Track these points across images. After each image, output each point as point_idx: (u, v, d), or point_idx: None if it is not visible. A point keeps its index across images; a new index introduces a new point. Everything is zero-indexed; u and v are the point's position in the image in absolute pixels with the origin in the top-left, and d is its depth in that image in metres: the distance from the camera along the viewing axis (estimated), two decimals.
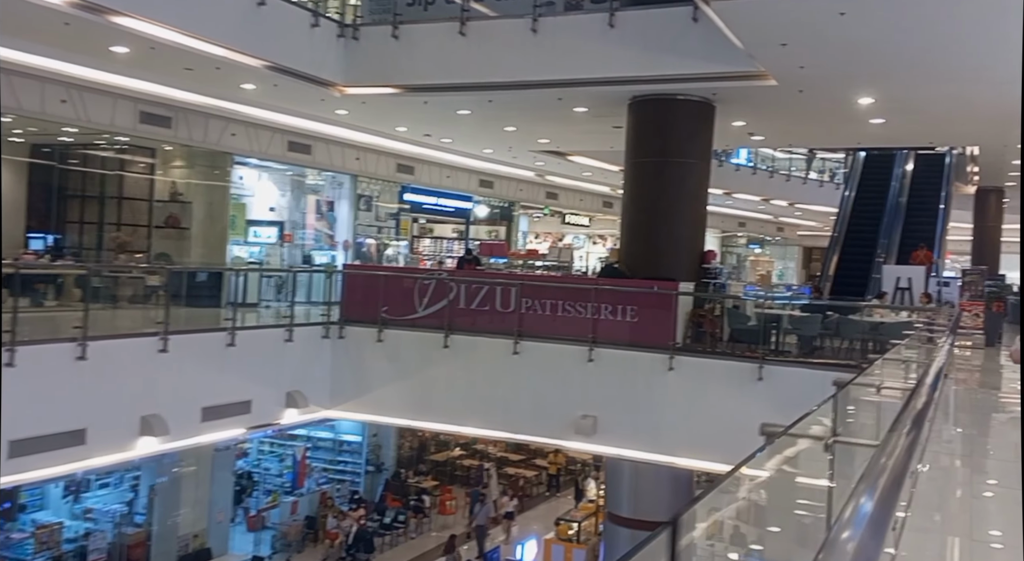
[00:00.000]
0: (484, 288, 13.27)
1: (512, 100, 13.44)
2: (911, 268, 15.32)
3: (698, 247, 13.35)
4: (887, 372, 6.68)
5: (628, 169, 13.28)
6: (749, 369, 11.75)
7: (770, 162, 30.24)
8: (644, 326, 12.46)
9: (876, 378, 5.86)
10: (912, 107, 12.77)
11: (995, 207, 23.28)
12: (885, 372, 6.49)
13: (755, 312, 12.67)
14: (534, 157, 20.13)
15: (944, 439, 8.18)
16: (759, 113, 13.96)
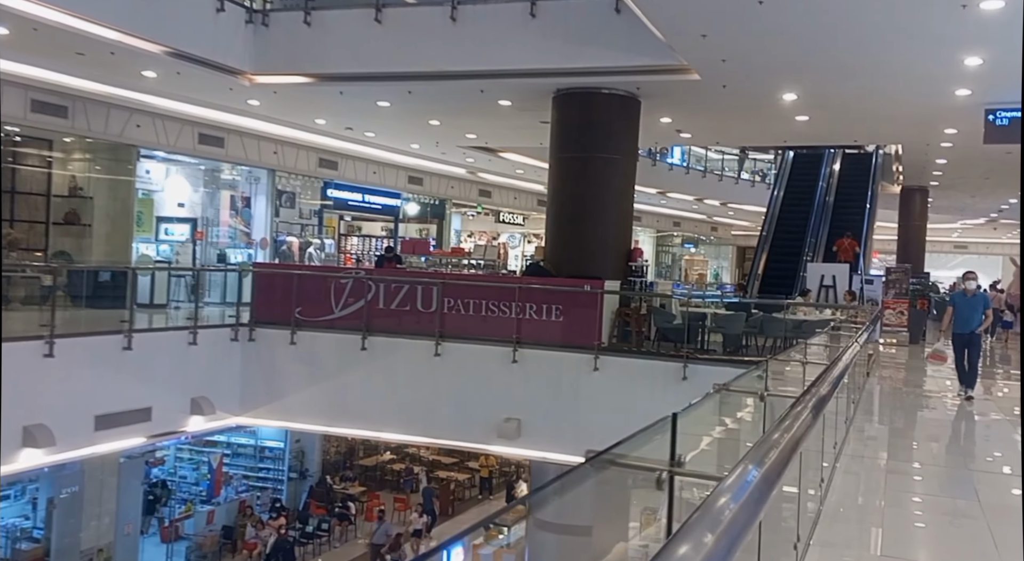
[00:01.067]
0: (404, 287, 12.76)
1: (432, 91, 12.94)
2: (835, 266, 15.33)
3: (625, 245, 13.07)
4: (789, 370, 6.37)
5: (553, 165, 12.91)
6: (674, 368, 11.56)
7: (704, 162, 30.40)
8: (569, 326, 12.15)
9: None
10: (834, 103, 12.69)
11: (920, 206, 23.68)
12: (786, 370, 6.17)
13: (680, 311, 12.44)
14: (464, 153, 19.64)
15: (866, 434, 8.01)
16: (685, 109, 13.74)
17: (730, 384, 4.35)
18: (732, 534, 1.31)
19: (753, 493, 1.53)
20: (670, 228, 38.77)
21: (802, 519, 3.93)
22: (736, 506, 1.41)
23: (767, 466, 1.73)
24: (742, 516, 1.39)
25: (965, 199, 25.14)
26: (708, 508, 1.36)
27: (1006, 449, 7.12)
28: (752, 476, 1.60)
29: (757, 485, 1.60)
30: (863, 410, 8.36)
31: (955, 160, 17.52)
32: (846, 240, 18.49)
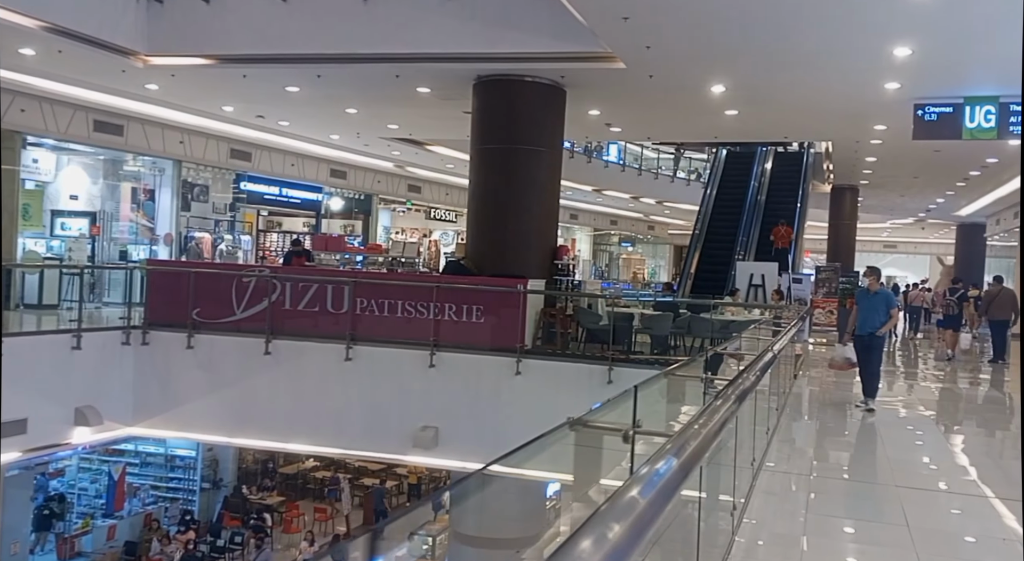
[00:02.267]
0: (313, 287, 11.90)
1: (343, 76, 12.09)
2: (764, 265, 14.99)
3: (550, 242, 12.43)
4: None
5: (474, 157, 12.19)
6: (599, 372, 11.04)
7: (640, 160, 30.13)
8: (491, 327, 11.51)
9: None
10: (763, 97, 12.28)
11: (850, 205, 23.71)
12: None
13: (606, 311, 11.87)
14: (388, 146, 18.77)
15: (790, 446, 7.54)
16: (613, 101, 13.18)
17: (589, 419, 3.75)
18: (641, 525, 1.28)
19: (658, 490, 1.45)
20: (607, 226, 38.49)
21: (710, 555, 3.36)
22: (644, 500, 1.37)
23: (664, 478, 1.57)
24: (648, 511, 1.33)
25: (894, 198, 25.30)
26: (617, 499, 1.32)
27: (938, 459, 6.68)
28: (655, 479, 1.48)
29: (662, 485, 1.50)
30: (788, 417, 7.86)
31: (885, 158, 17.41)
32: (782, 227, 18.36)
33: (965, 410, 10.21)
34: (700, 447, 1.88)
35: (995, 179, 19.17)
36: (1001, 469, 6.62)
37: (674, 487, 1.57)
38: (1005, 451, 7.35)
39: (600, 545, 1.13)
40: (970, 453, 7.00)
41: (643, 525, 1.28)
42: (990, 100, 11.39)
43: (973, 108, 11.48)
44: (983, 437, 8.20)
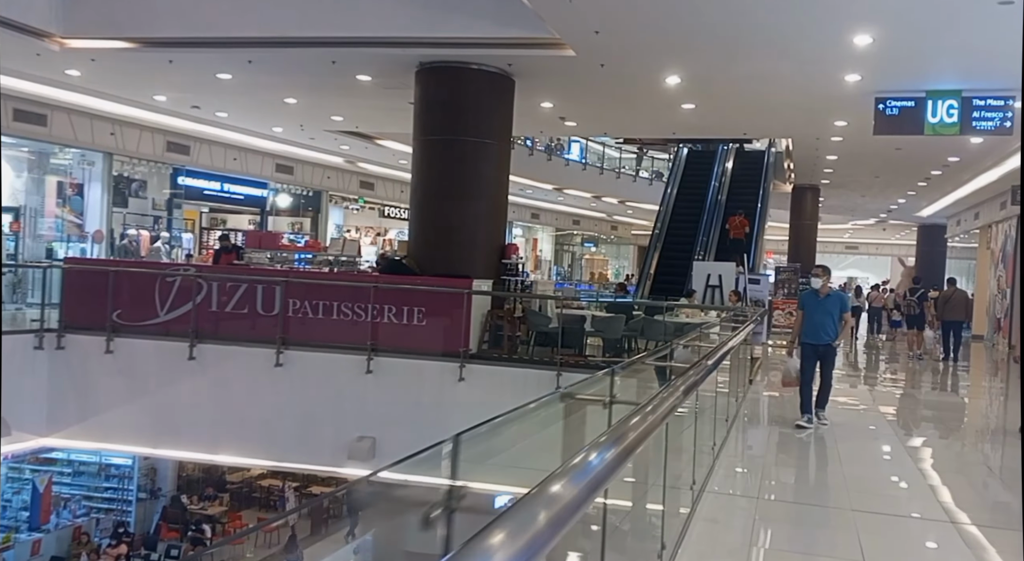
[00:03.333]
0: (242, 287, 11.13)
1: (276, 62, 11.33)
2: (722, 265, 14.49)
3: (498, 240, 11.78)
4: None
5: (417, 149, 11.50)
6: (548, 377, 10.44)
7: (602, 159, 29.65)
8: (433, 330, 10.85)
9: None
10: (721, 90, 11.75)
11: (811, 205, 23.40)
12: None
13: (556, 313, 11.26)
14: (335, 139, 17.98)
15: (738, 464, 7.00)
16: (565, 92, 12.58)
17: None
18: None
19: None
20: (569, 226, 37.97)
21: None
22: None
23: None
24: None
25: (856, 199, 25.08)
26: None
27: (903, 477, 6.13)
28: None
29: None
30: (739, 429, 7.28)
31: (846, 156, 17.04)
32: (737, 217, 18.02)
33: (930, 419, 9.75)
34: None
35: (956, 179, 18.92)
36: (974, 489, 6.10)
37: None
38: (979, 469, 6.84)
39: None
40: (940, 470, 6.47)
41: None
42: (953, 94, 10.96)
43: (935, 102, 11.05)
44: (952, 452, 7.70)
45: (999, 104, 10.82)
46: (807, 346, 7.71)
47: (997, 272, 20.06)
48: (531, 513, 1.15)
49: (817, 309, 7.65)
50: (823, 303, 7.66)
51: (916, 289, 17.98)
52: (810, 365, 7.69)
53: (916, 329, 16.62)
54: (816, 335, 7.63)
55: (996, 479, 6.27)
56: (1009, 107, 10.78)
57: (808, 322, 7.70)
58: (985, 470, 6.63)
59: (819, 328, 7.60)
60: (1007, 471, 6.61)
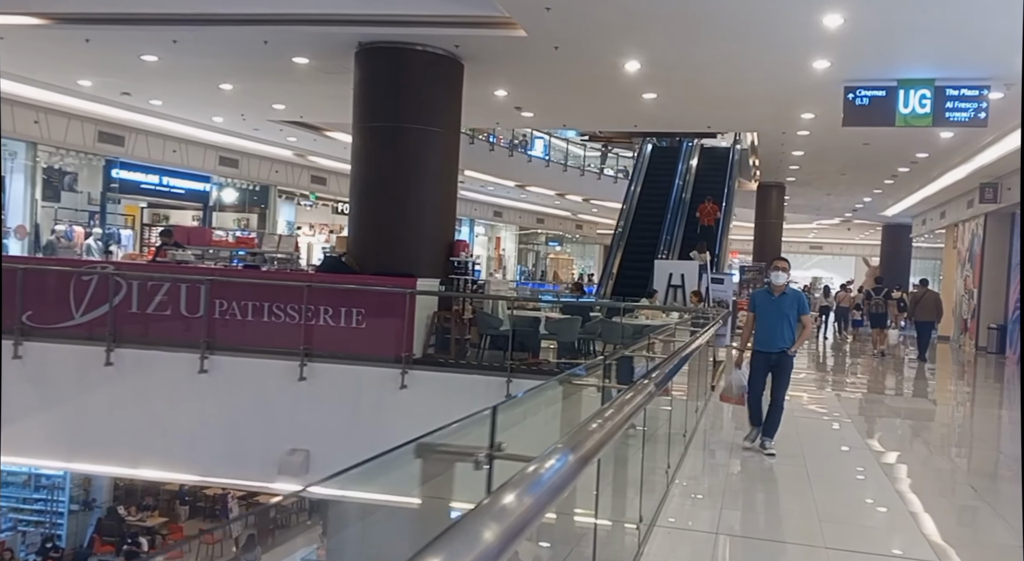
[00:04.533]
0: (165, 286, 10.20)
1: (204, 42, 10.42)
2: (684, 264, 13.84)
3: (446, 236, 10.98)
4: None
5: (356, 137, 10.65)
6: (497, 384, 9.73)
7: (566, 156, 28.98)
8: (373, 334, 10.02)
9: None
10: (682, 77, 11.06)
11: (776, 203, 22.92)
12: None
13: (508, 315, 10.49)
14: (280, 130, 17.04)
15: (697, 485, 6.34)
16: (519, 79, 11.82)
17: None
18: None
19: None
20: (533, 225, 37.24)
21: None
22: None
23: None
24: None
25: (821, 197, 24.67)
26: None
27: (885, 502, 5.45)
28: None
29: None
30: (698, 446, 6.56)
31: (812, 152, 16.50)
32: (708, 204, 17.59)
33: (904, 429, 9.13)
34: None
35: (923, 176, 18.51)
36: (959, 516, 5.44)
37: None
38: (962, 490, 6.19)
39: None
40: (920, 492, 5.80)
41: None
42: (925, 83, 10.39)
43: (907, 92, 10.47)
44: (931, 468, 7.05)
45: (973, 94, 10.27)
46: (758, 355, 6.58)
47: (964, 272, 19.70)
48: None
49: (771, 311, 6.52)
50: (778, 303, 6.52)
51: (879, 289, 18.04)
52: (760, 377, 6.55)
53: (879, 328, 16.77)
54: (769, 341, 6.48)
55: (982, 502, 5.61)
56: (984, 97, 10.24)
57: (760, 326, 6.58)
58: (969, 491, 5.97)
59: (773, 333, 6.46)
60: (991, 493, 5.97)
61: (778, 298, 6.53)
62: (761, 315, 6.56)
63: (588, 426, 1.88)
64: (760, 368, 6.56)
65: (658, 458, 4.86)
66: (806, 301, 6.67)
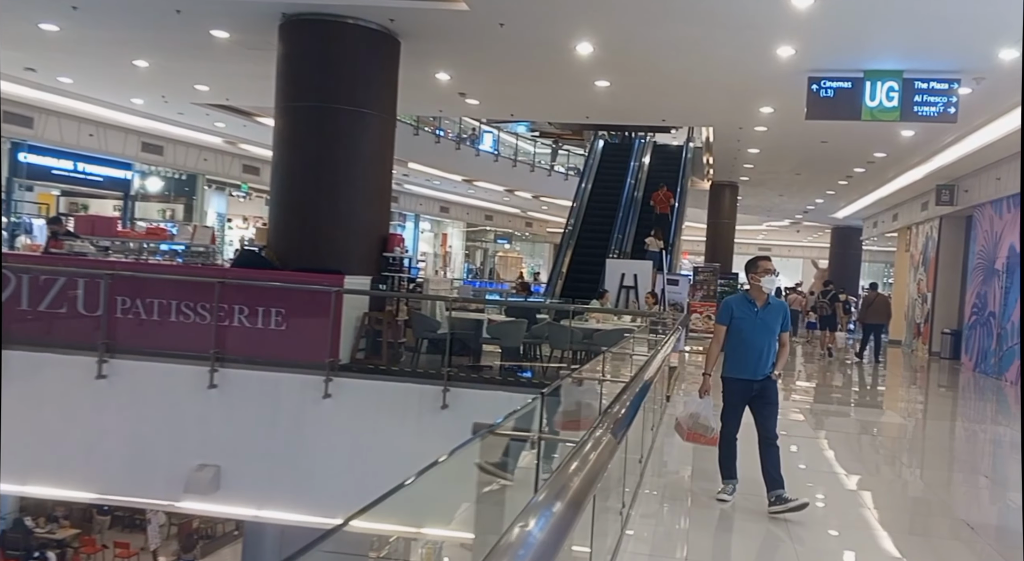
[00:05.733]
0: (59, 281, 9.08)
1: (108, 9, 9.30)
2: (637, 263, 13.12)
3: (379, 229, 10.01)
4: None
5: (279, 118, 9.64)
6: (433, 393, 8.83)
7: (515, 151, 28.18)
8: (294, 336, 9.06)
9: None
10: (637, 63, 10.29)
11: (729, 202, 22.43)
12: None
13: (446, 317, 9.59)
14: (207, 115, 15.84)
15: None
16: (462, 61, 10.93)
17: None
18: None
19: None
20: (482, 221, 36.32)
21: None
22: None
23: None
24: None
25: (774, 198, 24.29)
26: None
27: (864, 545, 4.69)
28: None
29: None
30: (650, 486, 5.72)
31: (768, 150, 15.95)
32: (662, 191, 17.09)
33: (879, 449, 8.46)
34: None
35: (878, 178, 18.14)
36: None
37: None
38: (962, 532, 5.45)
39: None
40: (906, 533, 5.06)
41: None
42: (893, 75, 9.79)
43: (874, 84, 9.86)
44: (920, 506, 6.34)
45: (943, 88, 9.70)
46: (735, 383, 5.10)
47: (917, 276, 19.41)
48: None
49: (754, 325, 5.04)
50: (763, 316, 5.07)
51: (827, 292, 18.00)
52: (737, 413, 5.10)
53: (828, 330, 16.96)
54: (752, 365, 5.02)
55: (984, 543, 4.88)
56: (953, 91, 9.68)
57: (738, 345, 5.07)
58: (965, 531, 5.23)
59: (756, 355, 5.01)
60: (988, 532, 5.26)
61: (763, 309, 5.09)
62: (738, 330, 5.08)
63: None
64: (738, 401, 5.09)
65: (610, 498, 4.00)
66: (788, 311, 5.29)
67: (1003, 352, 13.31)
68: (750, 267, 5.20)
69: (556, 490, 1.46)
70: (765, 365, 5.03)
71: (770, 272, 5.12)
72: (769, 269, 5.14)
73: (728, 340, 5.12)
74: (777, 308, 5.18)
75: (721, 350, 5.18)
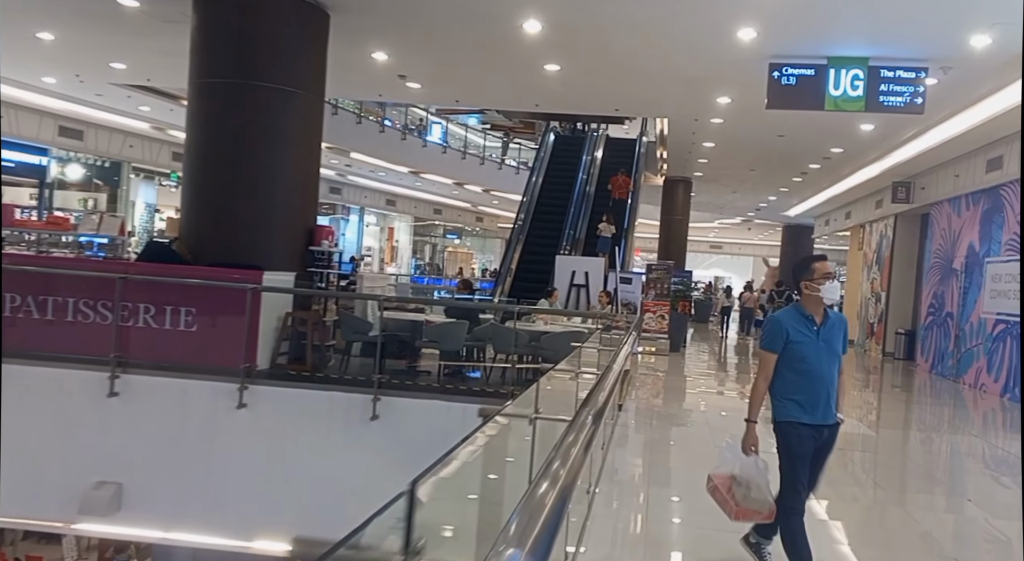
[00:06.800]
0: None
1: None
2: (589, 260, 12.43)
3: (305, 220, 9.12)
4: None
5: (192, 95, 8.69)
6: (363, 402, 7.99)
7: (464, 143, 27.36)
8: (206, 339, 8.16)
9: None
10: (587, 44, 9.58)
11: (683, 198, 21.94)
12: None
13: (379, 317, 8.74)
14: (129, 97, 14.69)
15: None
16: (400, 39, 10.08)
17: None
18: None
19: None
20: (430, 216, 35.35)
21: None
22: None
23: None
24: None
25: (727, 195, 23.90)
26: None
27: None
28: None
29: None
30: (606, 494, 5.02)
31: (724, 143, 15.42)
32: (620, 176, 16.78)
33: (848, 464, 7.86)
34: None
35: (833, 174, 17.77)
36: None
37: None
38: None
39: None
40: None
41: None
42: (858, 62, 9.24)
43: (838, 71, 9.30)
44: (905, 533, 5.73)
45: (910, 77, 9.18)
46: (801, 430, 3.69)
47: (871, 274, 19.12)
48: None
49: (819, 350, 3.73)
50: (826, 337, 3.76)
51: (782, 291, 17.83)
52: (804, 472, 3.70)
53: None
54: (822, 406, 3.70)
55: None
56: (920, 81, 9.16)
57: (799, 378, 3.72)
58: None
59: (824, 389, 3.72)
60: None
61: (824, 327, 3.75)
62: (799, 357, 3.71)
63: None
64: (804, 455, 3.69)
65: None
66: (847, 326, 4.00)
67: (961, 354, 12.94)
68: (802, 272, 3.77)
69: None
70: (833, 403, 3.74)
71: (831, 276, 3.73)
72: (829, 273, 3.73)
73: (782, 373, 3.75)
74: (839, 324, 3.82)
75: (769, 387, 3.79)
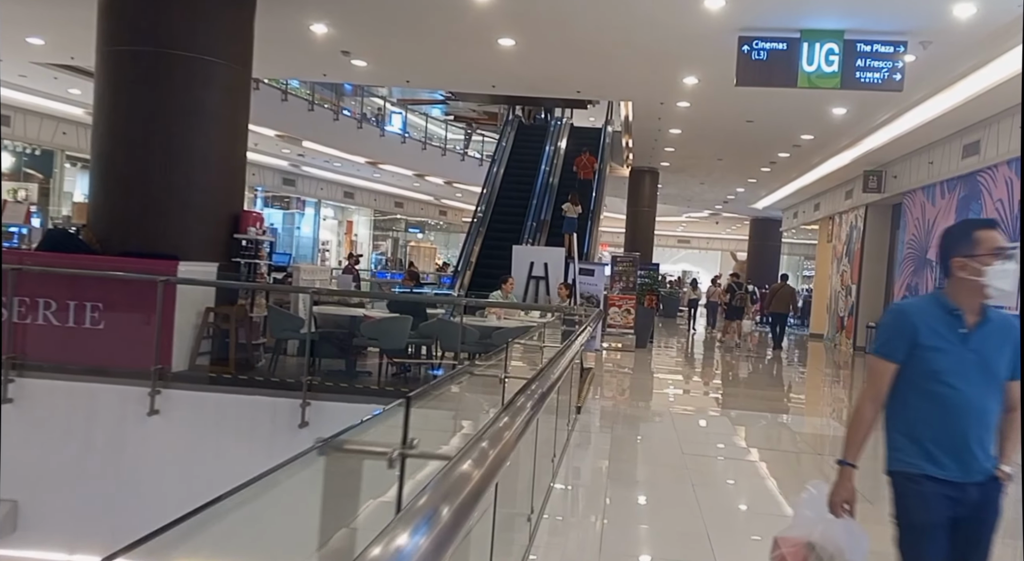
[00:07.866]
0: None
1: None
2: (548, 251, 11.69)
3: (230, 206, 8.25)
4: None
5: (100, 65, 7.79)
6: (291, 408, 7.19)
7: (426, 133, 26.51)
8: (114, 337, 7.30)
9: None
10: (546, 15, 8.81)
11: (649, 190, 21.28)
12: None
13: (314, 312, 7.90)
14: (56, 78, 13.64)
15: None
16: (340, 8, 9.22)
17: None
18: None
19: None
20: (391, 209, 34.36)
21: None
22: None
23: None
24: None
25: (695, 186, 23.33)
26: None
27: None
28: None
29: None
30: (561, 498, 4.27)
31: (690, 130, 14.76)
32: (584, 156, 16.45)
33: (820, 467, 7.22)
34: None
35: (802, 164, 17.22)
36: None
37: None
38: None
39: None
40: None
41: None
42: (833, 36, 8.58)
43: (812, 46, 8.63)
44: None
45: (888, 51, 8.54)
46: (927, 486, 2.45)
47: (840, 267, 18.62)
48: None
49: (967, 364, 2.43)
50: (978, 345, 2.45)
51: (740, 283, 18.31)
52: (931, 548, 2.45)
53: (737, 320, 17.80)
54: (963, 450, 2.43)
55: None
56: (899, 56, 8.52)
57: (928, 404, 2.46)
58: None
59: (973, 426, 2.43)
60: None
61: (979, 332, 2.46)
62: (932, 373, 2.45)
63: None
64: (933, 524, 2.46)
65: (518, 502, 2.51)
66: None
67: None
68: (958, 243, 2.49)
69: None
70: (987, 448, 2.46)
71: (1003, 253, 2.41)
72: (1002, 247, 2.41)
73: (904, 396, 2.51)
74: (1004, 329, 2.48)
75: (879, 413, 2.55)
